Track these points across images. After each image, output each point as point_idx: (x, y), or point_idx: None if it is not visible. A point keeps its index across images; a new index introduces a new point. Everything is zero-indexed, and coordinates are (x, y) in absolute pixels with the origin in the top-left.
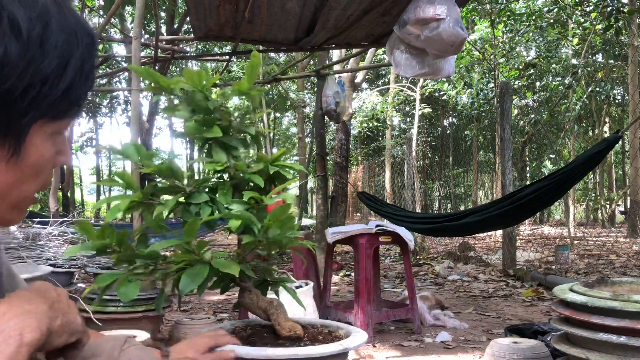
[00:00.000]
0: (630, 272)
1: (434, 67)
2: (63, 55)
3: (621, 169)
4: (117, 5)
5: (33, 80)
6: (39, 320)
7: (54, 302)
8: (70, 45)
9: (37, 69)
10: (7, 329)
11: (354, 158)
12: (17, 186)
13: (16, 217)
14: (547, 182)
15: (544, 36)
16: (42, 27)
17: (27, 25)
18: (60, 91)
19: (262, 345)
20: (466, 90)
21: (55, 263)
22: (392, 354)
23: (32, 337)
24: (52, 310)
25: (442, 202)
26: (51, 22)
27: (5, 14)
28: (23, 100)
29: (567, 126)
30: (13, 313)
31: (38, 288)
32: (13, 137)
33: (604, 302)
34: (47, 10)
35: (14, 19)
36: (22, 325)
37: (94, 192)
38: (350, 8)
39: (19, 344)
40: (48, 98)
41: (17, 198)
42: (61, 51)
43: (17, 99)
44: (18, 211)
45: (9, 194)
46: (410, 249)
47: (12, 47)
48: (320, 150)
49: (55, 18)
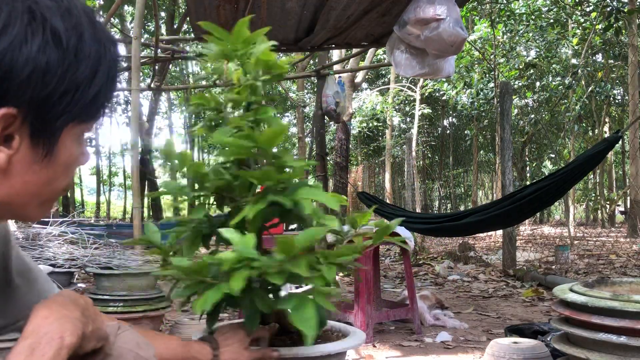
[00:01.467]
0: (630, 272)
1: (434, 67)
2: (94, 64)
3: (621, 169)
4: (117, 5)
5: (69, 87)
6: (75, 325)
7: (84, 308)
8: (100, 54)
9: (72, 76)
10: (50, 332)
11: (354, 158)
12: (49, 184)
13: (43, 213)
14: (547, 182)
15: (544, 36)
16: (77, 38)
17: (65, 36)
18: (91, 96)
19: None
20: (466, 90)
21: (55, 263)
22: (392, 354)
23: (71, 341)
24: (84, 317)
25: (442, 202)
26: (84, 33)
27: (48, 25)
28: (59, 105)
29: (567, 126)
30: (54, 317)
31: (69, 295)
32: (48, 139)
33: (604, 302)
34: (80, 22)
35: (55, 30)
36: (63, 329)
37: (94, 192)
38: (350, 8)
39: (60, 346)
40: (80, 102)
41: (48, 195)
42: (92, 60)
43: (54, 103)
44: (46, 208)
45: (42, 192)
46: (410, 249)
47: (53, 56)
48: (320, 150)
49: (87, 29)
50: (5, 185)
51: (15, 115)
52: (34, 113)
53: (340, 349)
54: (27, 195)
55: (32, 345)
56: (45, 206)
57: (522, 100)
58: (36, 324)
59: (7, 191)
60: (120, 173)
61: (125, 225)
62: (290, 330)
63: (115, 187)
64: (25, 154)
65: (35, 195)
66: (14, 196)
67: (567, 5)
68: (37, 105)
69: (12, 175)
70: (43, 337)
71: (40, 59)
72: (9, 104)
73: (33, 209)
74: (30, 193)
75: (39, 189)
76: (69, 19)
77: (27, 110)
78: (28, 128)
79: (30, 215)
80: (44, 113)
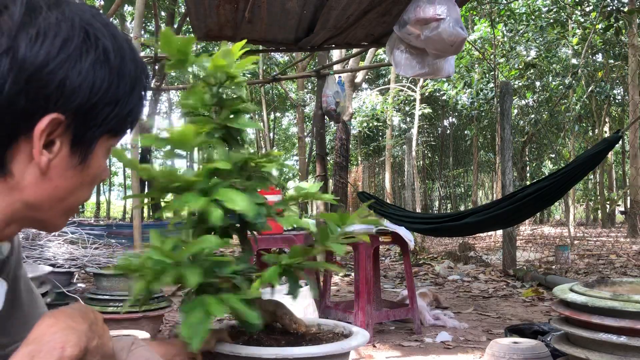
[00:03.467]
0: (630, 272)
1: (434, 67)
2: (131, 83)
3: (621, 169)
4: (117, 5)
5: (110, 101)
6: (79, 338)
7: (92, 323)
8: (137, 75)
9: (114, 92)
10: (52, 341)
11: (354, 158)
12: (75, 192)
13: (63, 223)
14: (548, 182)
15: (544, 36)
16: (121, 59)
17: (112, 55)
18: (126, 111)
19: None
20: (466, 90)
21: (55, 263)
22: (392, 354)
23: (72, 352)
24: (91, 331)
25: (442, 202)
26: (125, 55)
27: (100, 44)
28: (101, 117)
29: (567, 126)
30: (58, 327)
31: (79, 308)
32: (85, 147)
33: (604, 302)
34: (122, 44)
35: (106, 50)
36: (65, 340)
37: (94, 192)
38: (350, 8)
39: (60, 356)
40: (117, 117)
41: (72, 204)
42: (130, 79)
43: (97, 115)
44: (66, 217)
45: (68, 199)
46: (410, 249)
47: (101, 72)
48: (320, 150)
49: (127, 53)
50: (40, 188)
51: (61, 121)
52: (77, 122)
53: (344, 349)
54: (55, 200)
55: (32, 352)
56: (68, 216)
57: (522, 100)
58: (40, 332)
59: (41, 193)
60: (120, 173)
61: (125, 225)
62: (289, 330)
63: (115, 187)
64: (63, 159)
65: (62, 201)
66: (45, 200)
67: (567, 5)
68: (81, 115)
69: (49, 179)
70: (44, 346)
71: (91, 73)
72: (58, 111)
73: (57, 217)
74: (58, 198)
75: (66, 195)
76: (115, 42)
77: (72, 118)
78: (70, 135)
79: (54, 222)
80: (86, 122)
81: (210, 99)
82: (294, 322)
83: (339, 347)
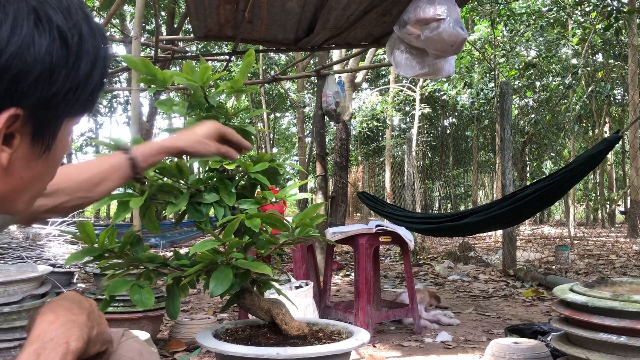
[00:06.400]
0: (630, 272)
1: (434, 67)
2: (92, 60)
3: (621, 169)
4: (117, 5)
5: (72, 85)
6: (81, 330)
7: (90, 312)
8: (97, 49)
9: (75, 74)
10: (56, 337)
11: (354, 158)
12: (42, 178)
13: (29, 207)
14: (548, 182)
15: (544, 36)
16: (79, 36)
17: (69, 35)
18: (89, 92)
19: (266, 345)
20: (466, 90)
21: (55, 263)
22: (392, 354)
23: (77, 346)
24: (90, 320)
25: (442, 202)
26: (83, 31)
27: (54, 25)
28: (63, 103)
29: (567, 126)
30: (59, 322)
31: (73, 298)
32: (47, 137)
33: (604, 302)
34: (79, 19)
35: (60, 30)
36: (68, 334)
37: None
38: (350, 8)
39: (65, 352)
40: (80, 99)
41: (39, 189)
42: (90, 57)
43: (59, 102)
44: (33, 201)
45: (34, 186)
46: (410, 249)
47: (59, 55)
48: (320, 150)
49: (84, 26)
50: (4, 182)
51: (19, 115)
52: (37, 113)
53: (345, 349)
54: (21, 190)
55: (37, 350)
56: (34, 200)
57: (522, 100)
58: (42, 329)
59: (5, 187)
60: None
61: (125, 225)
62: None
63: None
64: (25, 151)
65: (28, 189)
66: (10, 192)
67: (567, 5)
68: (42, 105)
69: (11, 173)
70: (49, 343)
71: (48, 59)
72: (16, 105)
73: (22, 203)
74: (24, 188)
75: (33, 183)
76: (70, 18)
77: (31, 110)
78: (30, 127)
79: (18, 208)
80: (47, 112)
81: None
82: (285, 323)
83: (339, 347)
